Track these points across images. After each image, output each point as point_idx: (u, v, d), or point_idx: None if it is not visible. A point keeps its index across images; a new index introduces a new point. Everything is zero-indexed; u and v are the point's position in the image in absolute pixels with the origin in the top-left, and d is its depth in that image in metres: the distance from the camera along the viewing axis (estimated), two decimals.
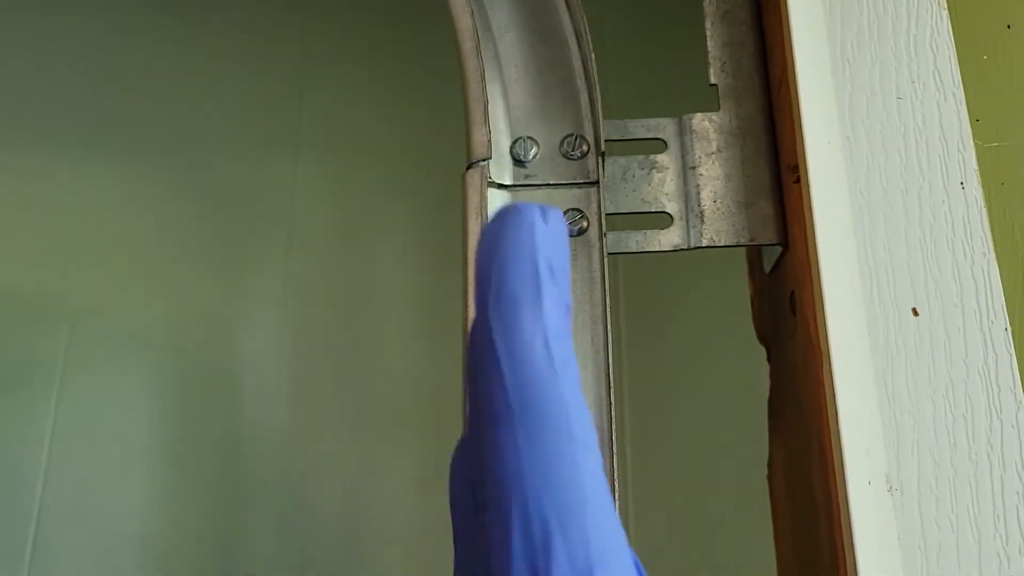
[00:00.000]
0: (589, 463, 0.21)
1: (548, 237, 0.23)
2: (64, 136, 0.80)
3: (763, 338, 0.49)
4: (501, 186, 0.43)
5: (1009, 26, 0.39)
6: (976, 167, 0.36)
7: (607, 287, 0.40)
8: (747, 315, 0.55)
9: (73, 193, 0.78)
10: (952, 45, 0.38)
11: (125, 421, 0.73)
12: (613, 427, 0.38)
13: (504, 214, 0.24)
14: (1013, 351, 0.34)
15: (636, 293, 0.67)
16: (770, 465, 0.48)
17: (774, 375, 0.47)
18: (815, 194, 0.35)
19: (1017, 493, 0.32)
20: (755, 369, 0.60)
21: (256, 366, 0.75)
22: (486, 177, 0.41)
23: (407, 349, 0.74)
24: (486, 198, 0.41)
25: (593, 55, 0.43)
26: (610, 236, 0.41)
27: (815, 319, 0.38)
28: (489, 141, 0.41)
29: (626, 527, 0.36)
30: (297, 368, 0.75)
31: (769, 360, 0.48)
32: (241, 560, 0.70)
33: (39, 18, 0.84)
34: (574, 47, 0.45)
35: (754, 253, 0.50)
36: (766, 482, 0.50)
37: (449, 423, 0.72)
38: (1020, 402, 0.33)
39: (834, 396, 0.32)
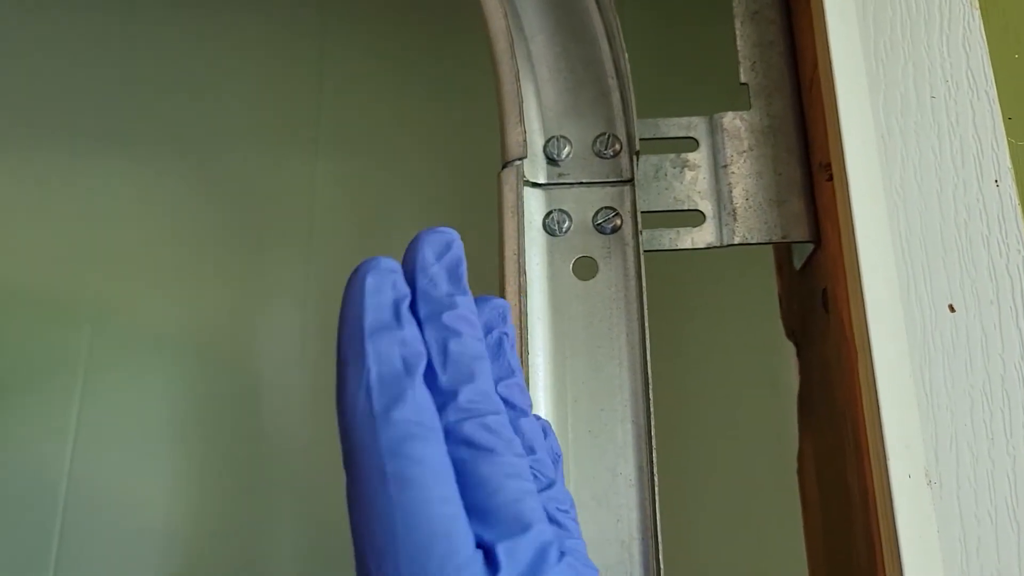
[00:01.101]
0: (405, 498, 0.22)
1: (376, 291, 0.26)
2: (84, 135, 0.80)
3: (792, 335, 0.49)
4: (535, 185, 0.43)
5: None
6: (1010, 165, 0.37)
7: (644, 284, 0.40)
8: (768, 313, 0.56)
9: (93, 193, 0.79)
10: (984, 44, 0.39)
11: (147, 419, 0.74)
12: (652, 422, 0.38)
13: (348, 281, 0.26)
14: None
15: (656, 292, 0.67)
16: (800, 461, 0.48)
17: (804, 372, 0.47)
18: (852, 191, 0.35)
19: None
20: (778, 367, 0.61)
21: (276, 364, 0.75)
22: (522, 176, 0.42)
23: None
24: (522, 197, 0.41)
25: (626, 55, 0.43)
26: (644, 234, 0.42)
27: (849, 315, 0.39)
28: (525, 141, 0.42)
29: (655, 529, 0.37)
30: (317, 366, 0.75)
31: (799, 357, 0.48)
32: (263, 556, 0.71)
33: (57, 15, 0.84)
34: (605, 47, 0.45)
35: (783, 251, 0.51)
36: (793, 478, 0.51)
37: None
38: None
39: (875, 390, 0.33)
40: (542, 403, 0.39)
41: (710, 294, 0.67)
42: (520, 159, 0.42)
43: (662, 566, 0.36)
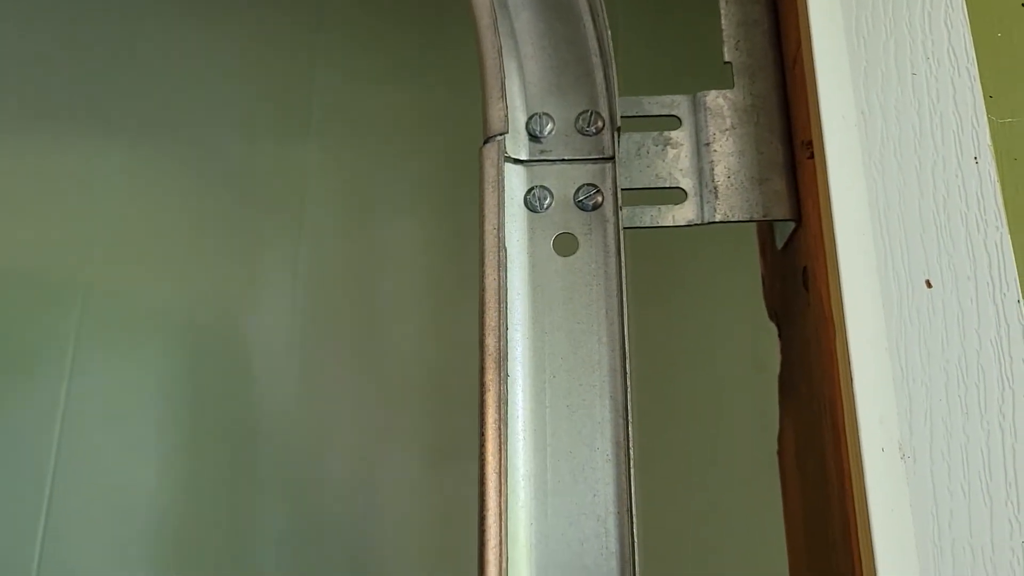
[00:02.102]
0: None
1: None
2: (75, 118, 0.80)
3: (774, 316, 0.49)
4: (517, 161, 0.43)
5: (1023, 4, 0.40)
6: (990, 143, 0.37)
7: (623, 261, 0.40)
8: (753, 296, 0.56)
9: (85, 175, 0.79)
10: (966, 22, 0.39)
11: (137, 400, 0.74)
12: (630, 398, 0.38)
13: None
14: None
15: (638, 272, 0.67)
16: (780, 441, 0.48)
17: (785, 352, 0.47)
18: (831, 167, 0.35)
19: None
20: (761, 349, 0.61)
21: (267, 346, 0.75)
22: (503, 152, 0.42)
23: (416, 329, 0.75)
24: (503, 172, 0.41)
25: (609, 32, 0.43)
26: (624, 211, 0.42)
27: (828, 292, 0.39)
28: (506, 116, 0.42)
29: (629, 504, 0.37)
30: (307, 347, 0.75)
31: (780, 337, 0.48)
32: (252, 537, 0.71)
33: (52, 1, 0.84)
34: (589, 25, 0.45)
35: (766, 232, 0.51)
36: (775, 458, 0.51)
37: (457, 403, 0.72)
38: None
39: (849, 365, 0.33)
40: (520, 378, 0.39)
41: (696, 276, 0.67)
42: (501, 134, 0.42)
43: (636, 540, 0.36)
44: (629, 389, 0.38)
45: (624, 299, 0.40)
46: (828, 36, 0.38)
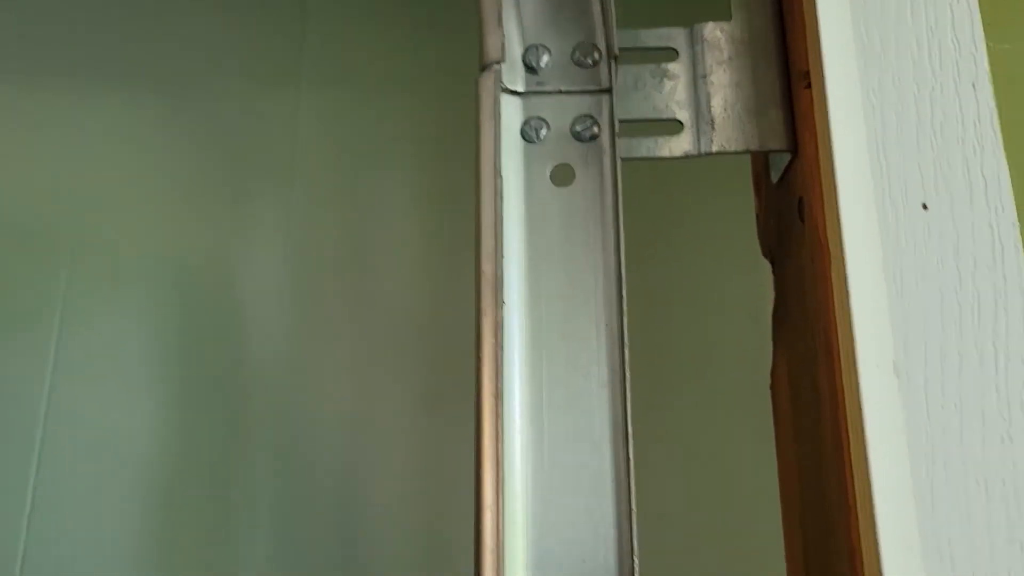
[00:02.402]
0: None
1: None
2: (64, 72, 0.79)
3: (768, 252, 0.49)
4: (513, 92, 0.43)
5: None
6: (988, 68, 0.37)
7: (620, 192, 0.40)
8: (747, 236, 0.56)
9: (74, 127, 0.78)
10: None
11: (126, 352, 0.74)
12: (625, 328, 0.38)
13: None
14: (1019, 243, 0.34)
15: (638, 206, 0.67)
16: (773, 375, 0.49)
17: (779, 286, 0.47)
18: (830, 94, 0.35)
19: (1020, 380, 0.33)
20: (754, 290, 0.61)
21: (257, 296, 0.75)
22: (499, 81, 0.41)
23: (406, 278, 0.75)
24: (500, 100, 0.41)
25: None
26: (621, 143, 0.42)
27: (824, 221, 0.39)
28: (503, 45, 0.41)
29: (624, 430, 0.37)
30: (297, 297, 0.75)
31: (774, 273, 0.48)
32: (243, 486, 0.71)
33: None
34: None
35: (760, 168, 0.51)
36: (765, 395, 0.51)
37: (447, 349, 0.72)
38: None
39: (846, 286, 0.33)
40: (515, 306, 0.39)
41: (691, 212, 0.68)
42: (498, 63, 0.41)
43: (632, 464, 0.36)
44: (625, 318, 0.39)
45: (620, 229, 0.40)
46: None
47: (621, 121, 0.42)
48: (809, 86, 0.41)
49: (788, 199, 0.44)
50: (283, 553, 0.69)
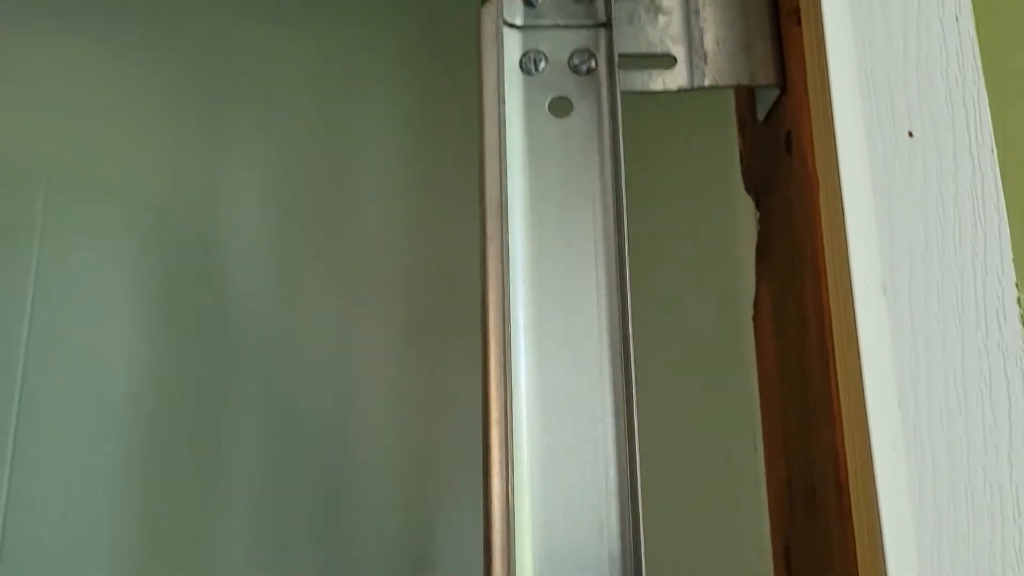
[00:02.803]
0: None
1: None
2: (38, 4, 0.78)
3: (752, 188, 0.51)
4: (512, 26, 0.44)
5: None
6: (969, 3, 0.38)
7: (619, 123, 0.41)
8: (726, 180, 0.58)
9: (46, 58, 0.77)
10: None
11: (106, 282, 0.74)
12: (625, 255, 0.40)
13: None
14: (997, 169, 0.36)
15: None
16: (756, 306, 0.51)
17: (764, 221, 0.49)
18: (827, 30, 0.37)
19: (997, 296, 0.35)
20: (733, 233, 0.63)
21: (238, 225, 0.75)
22: (501, 12, 0.42)
23: (389, 207, 0.75)
24: (502, 31, 0.42)
25: None
26: (617, 75, 0.43)
27: (812, 152, 0.41)
28: None
29: (624, 351, 0.39)
30: (279, 227, 0.75)
31: (759, 208, 0.50)
32: (226, 420, 0.72)
33: None
34: None
35: (745, 108, 0.52)
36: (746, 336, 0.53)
37: (431, 281, 0.73)
38: (1002, 215, 0.36)
39: (842, 211, 0.35)
40: (519, 232, 0.41)
41: (671, 149, 0.69)
42: None
43: (635, 396, 0.38)
44: (625, 246, 0.40)
45: (620, 159, 0.41)
46: None
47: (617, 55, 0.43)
48: (799, 22, 0.43)
49: (775, 134, 0.46)
50: (268, 490, 0.70)
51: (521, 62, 0.43)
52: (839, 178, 0.36)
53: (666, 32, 0.45)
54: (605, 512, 0.37)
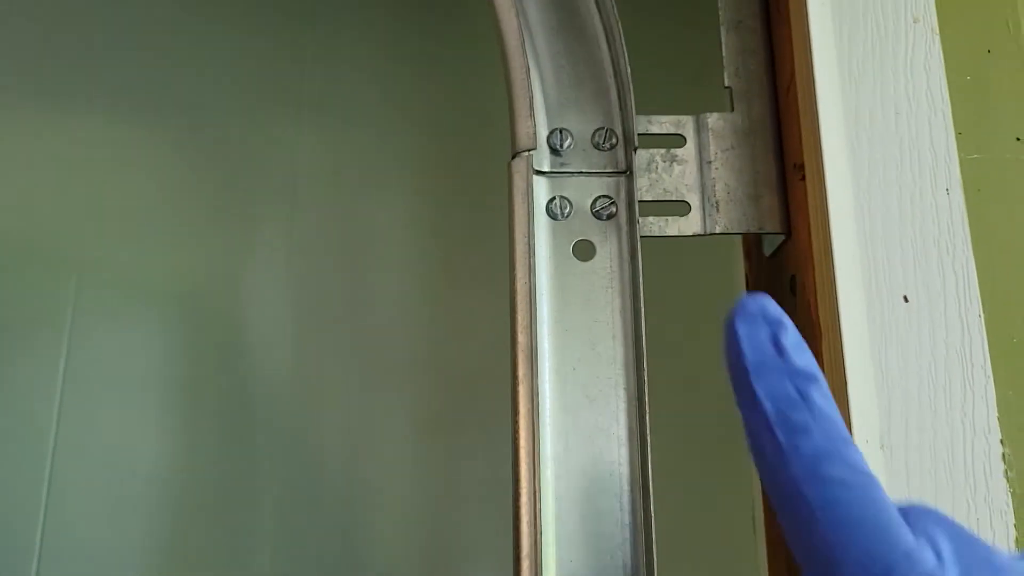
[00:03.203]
0: (830, 515, 0.23)
1: (749, 332, 0.26)
2: (73, 93, 0.81)
3: None
4: (540, 172, 0.48)
5: (989, 51, 0.46)
6: (959, 176, 0.43)
7: (639, 266, 0.45)
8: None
9: (82, 148, 0.80)
10: (943, 67, 0.44)
11: (134, 368, 0.77)
12: (644, 390, 0.43)
13: None
14: (985, 333, 0.40)
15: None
16: None
17: None
18: (830, 192, 0.41)
19: (984, 453, 0.39)
20: None
21: (261, 315, 0.78)
22: (531, 166, 0.46)
23: (406, 299, 0.79)
24: (532, 184, 0.46)
25: (626, 57, 0.48)
26: (637, 221, 0.47)
27: (816, 300, 0.45)
28: (535, 133, 0.46)
29: (643, 483, 0.42)
30: (300, 317, 0.79)
31: None
32: (249, 498, 0.75)
33: None
34: (604, 47, 0.50)
35: (752, 239, 0.56)
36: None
37: (446, 377, 0.77)
38: (988, 376, 0.40)
39: (843, 368, 0.38)
40: (546, 371, 0.44)
41: (677, 282, 0.73)
42: (530, 150, 0.46)
43: (652, 518, 0.41)
44: (644, 382, 0.44)
45: (640, 301, 0.45)
46: (826, 76, 0.43)
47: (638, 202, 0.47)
48: (804, 179, 0.46)
49: (780, 273, 0.50)
50: (288, 565, 0.73)
51: (548, 207, 0.47)
52: (840, 336, 0.40)
53: (681, 180, 0.48)
54: None
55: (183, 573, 0.73)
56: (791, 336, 0.25)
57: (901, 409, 0.39)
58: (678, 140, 0.49)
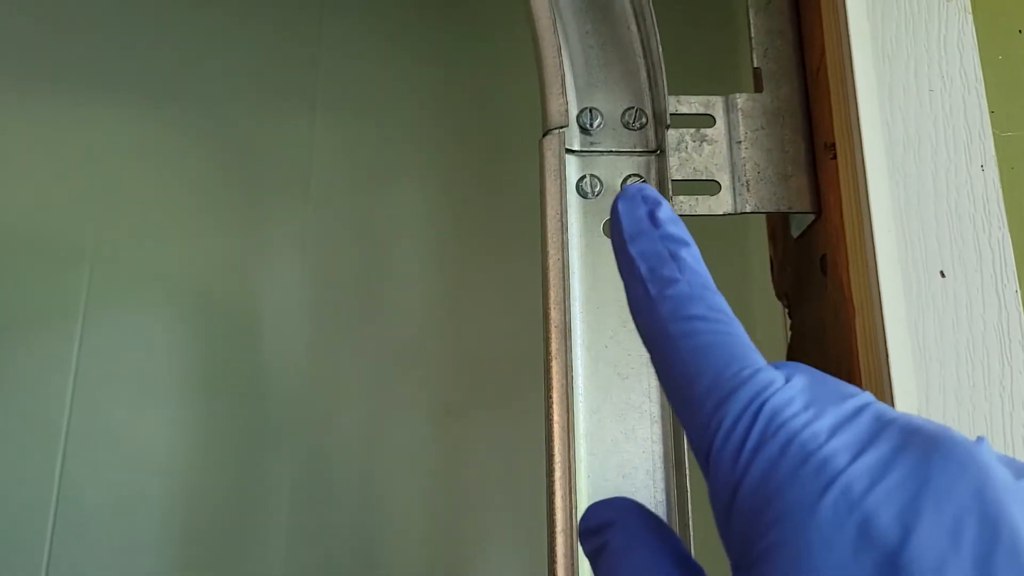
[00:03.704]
0: (692, 342, 0.24)
1: (629, 209, 0.27)
2: (89, 81, 0.81)
3: (784, 296, 0.55)
4: (570, 151, 0.48)
5: (1020, 31, 0.46)
6: (994, 153, 0.42)
7: None
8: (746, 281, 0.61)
9: (98, 138, 0.80)
10: (976, 46, 0.44)
11: (147, 360, 0.76)
12: None
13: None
14: (1022, 310, 0.40)
15: None
16: None
17: (796, 329, 0.53)
18: (869, 170, 0.41)
19: (1022, 428, 0.39)
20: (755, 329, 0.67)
21: (276, 309, 0.78)
22: (563, 143, 0.46)
23: (421, 294, 0.79)
24: (564, 161, 0.45)
25: (657, 36, 0.48)
26: (670, 200, 0.47)
27: (848, 279, 0.44)
28: (566, 111, 0.46)
29: (675, 458, 0.42)
30: (315, 309, 0.78)
31: (791, 316, 0.54)
32: (263, 494, 0.74)
33: None
34: (634, 28, 0.50)
35: (777, 221, 0.56)
36: None
37: (462, 362, 0.77)
38: None
39: (885, 345, 0.38)
40: (579, 348, 0.44)
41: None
42: (562, 127, 0.46)
43: (688, 493, 0.41)
44: None
45: None
46: (861, 56, 0.43)
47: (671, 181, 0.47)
48: (835, 157, 0.46)
49: (809, 253, 0.50)
50: (302, 560, 0.73)
51: (578, 186, 0.47)
52: (875, 313, 0.40)
53: (711, 160, 0.48)
54: None
55: (196, 566, 0.73)
56: (666, 211, 0.27)
57: (939, 383, 0.39)
58: (707, 120, 0.49)
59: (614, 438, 0.43)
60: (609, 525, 0.25)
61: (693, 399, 0.23)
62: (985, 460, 0.21)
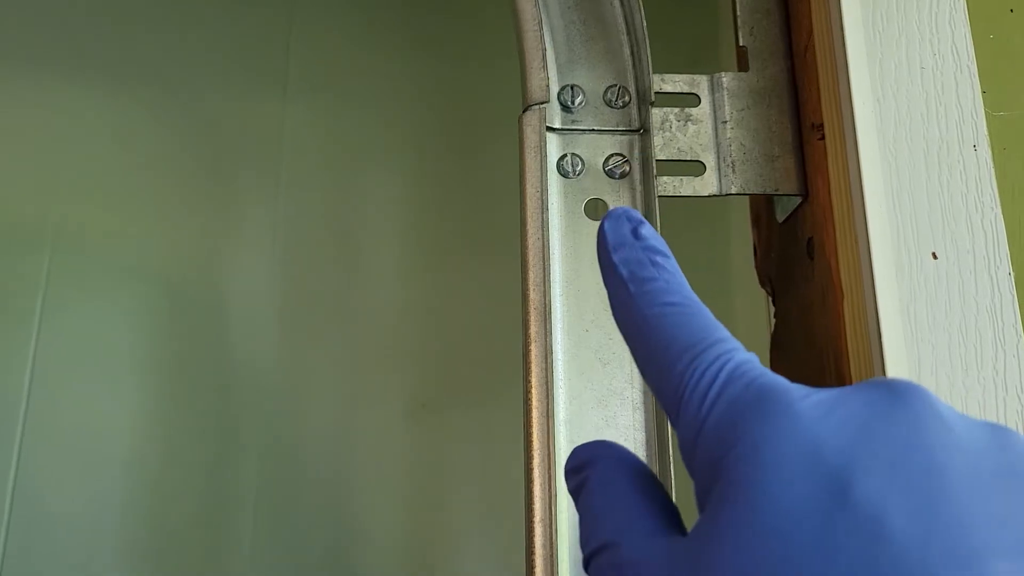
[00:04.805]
0: (665, 322, 0.26)
1: (614, 226, 0.29)
2: (53, 64, 0.78)
3: (768, 283, 0.54)
4: (551, 129, 0.46)
5: (1012, 10, 0.45)
6: (986, 132, 0.41)
7: (658, 225, 0.43)
8: (722, 266, 0.60)
9: (61, 120, 0.77)
10: (967, 24, 0.43)
11: (109, 346, 0.74)
12: None
13: None
14: (1015, 292, 0.39)
15: None
16: None
17: (781, 314, 0.51)
18: (861, 150, 0.39)
19: (1017, 412, 0.38)
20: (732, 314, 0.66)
21: (245, 296, 0.76)
22: (544, 119, 0.44)
23: (393, 281, 0.77)
24: (545, 138, 0.44)
25: (642, 12, 0.46)
26: (653, 180, 0.45)
27: (836, 261, 0.43)
28: (547, 86, 0.44)
29: (658, 448, 0.40)
30: (285, 298, 0.76)
31: (775, 303, 0.52)
32: (229, 489, 0.72)
33: None
34: (617, 2, 0.48)
35: (761, 205, 0.55)
36: None
37: (435, 352, 0.75)
38: (1020, 336, 0.39)
39: (878, 326, 0.37)
40: (559, 332, 0.42)
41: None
42: (542, 103, 0.44)
43: (673, 480, 0.40)
44: None
45: None
46: (852, 33, 0.41)
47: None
48: (822, 138, 0.45)
49: (795, 237, 0.49)
50: (268, 553, 0.70)
51: (559, 165, 0.45)
52: (873, 296, 0.38)
53: (696, 140, 0.47)
54: None
55: (159, 563, 0.70)
56: (648, 229, 0.29)
57: (931, 366, 0.38)
58: (692, 99, 0.48)
59: (595, 425, 0.41)
60: (589, 463, 0.27)
61: (667, 361, 0.25)
62: (926, 393, 0.23)
